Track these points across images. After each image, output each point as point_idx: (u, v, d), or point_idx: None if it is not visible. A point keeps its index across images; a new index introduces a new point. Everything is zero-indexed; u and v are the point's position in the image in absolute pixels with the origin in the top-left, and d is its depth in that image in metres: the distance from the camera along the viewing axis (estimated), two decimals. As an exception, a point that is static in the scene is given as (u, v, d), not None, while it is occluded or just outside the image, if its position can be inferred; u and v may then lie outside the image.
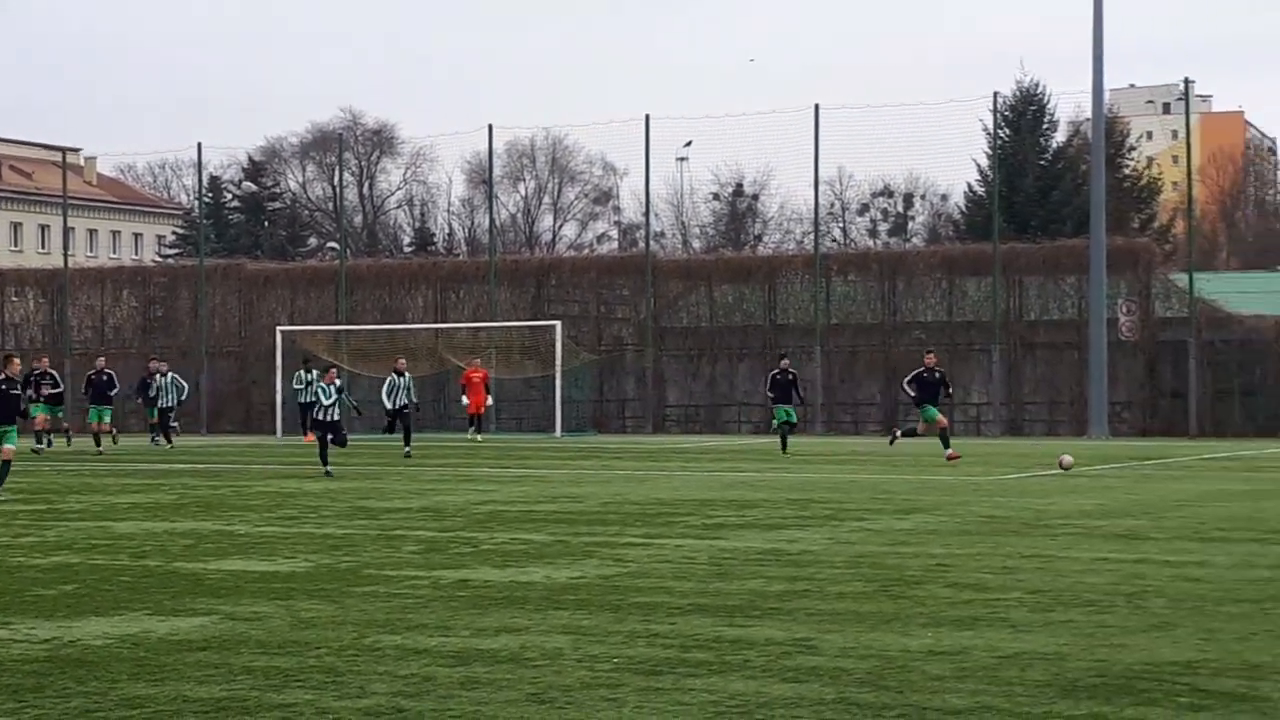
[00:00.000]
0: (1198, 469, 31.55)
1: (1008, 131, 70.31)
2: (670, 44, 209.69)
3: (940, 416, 33.74)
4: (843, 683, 9.23)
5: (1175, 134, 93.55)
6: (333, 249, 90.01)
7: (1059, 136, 74.70)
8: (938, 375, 33.87)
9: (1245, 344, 49.93)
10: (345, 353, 56.31)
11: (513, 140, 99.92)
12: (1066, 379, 52.01)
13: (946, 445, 33.11)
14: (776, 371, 39.15)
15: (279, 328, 57.05)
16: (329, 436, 29.95)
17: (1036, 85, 72.64)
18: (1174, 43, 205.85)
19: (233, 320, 61.85)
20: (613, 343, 57.86)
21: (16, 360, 24.70)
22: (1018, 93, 71.96)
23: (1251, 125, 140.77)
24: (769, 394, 39.54)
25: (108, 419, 41.48)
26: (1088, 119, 57.48)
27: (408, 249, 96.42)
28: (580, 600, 12.54)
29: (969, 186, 73.56)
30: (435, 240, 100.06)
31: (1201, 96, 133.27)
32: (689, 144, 78.01)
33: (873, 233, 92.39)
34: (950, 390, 35.06)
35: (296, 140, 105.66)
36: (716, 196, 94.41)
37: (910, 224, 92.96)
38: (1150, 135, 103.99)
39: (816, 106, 53.71)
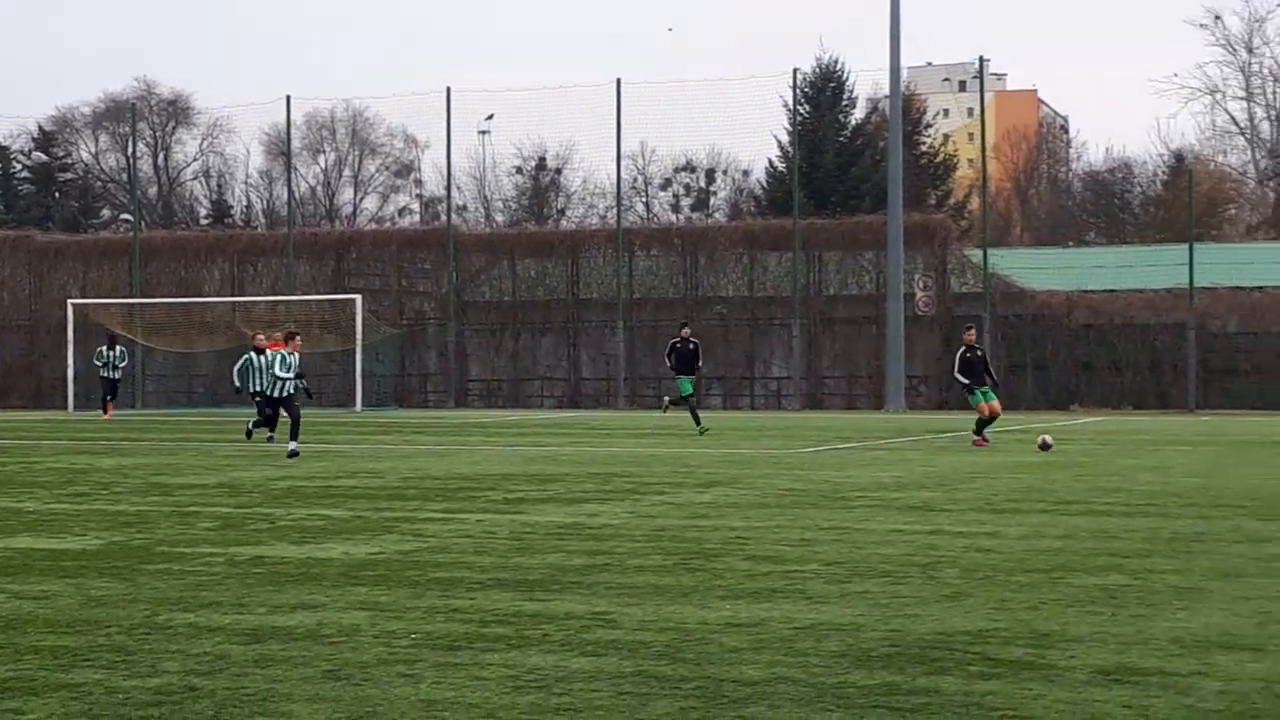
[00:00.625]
0: (991, 441, 32.13)
1: (808, 108, 70.99)
2: (470, 15, 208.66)
3: (985, 403, 30.32)
4: (641, 656, 9.24)
5: (971, 112, 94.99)
6: (126, 221, 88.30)
7: (858, 114, 75.66)
8: (980, 353, 30.91)
9: (1038, 319, 50.98)
10: (139, 326, 55.38)
11: (312, 112, 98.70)
12: (865, 353, 52.70)
13: (979, 430, 30.09)
14: (677, 340, 35.80)
15: (70, 301, 55.96)
16: (275, 410, 28.97)
17: (836, 62, 73.49)
18: (969, 22, 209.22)
19: (22, 293, 60.47)
20: (414, 316, 57.51)
21: None
22: (817, 70, 72.70)
23: (1045, 103, 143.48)
24: (669, 363, 36.12)
25: None
26: (886, 96, 58.23)
27: (204, 221, 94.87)
28: (379, 576, 12.43)
29: (770, 162, 74.23)
30: (232, 212, 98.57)
31: (996, 75, 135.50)
32: (491, 117, 77.70)
33: (675, 208, 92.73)
34: (991, 371, 31.47)
35: (89, 110, 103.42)
36: (519, 170, 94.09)
37: (712, 199, 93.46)
38: (946, 113, 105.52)
39: (618, 81, 53.85)
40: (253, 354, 31.73)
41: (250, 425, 30.18)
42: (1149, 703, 8.15)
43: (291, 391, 27.94)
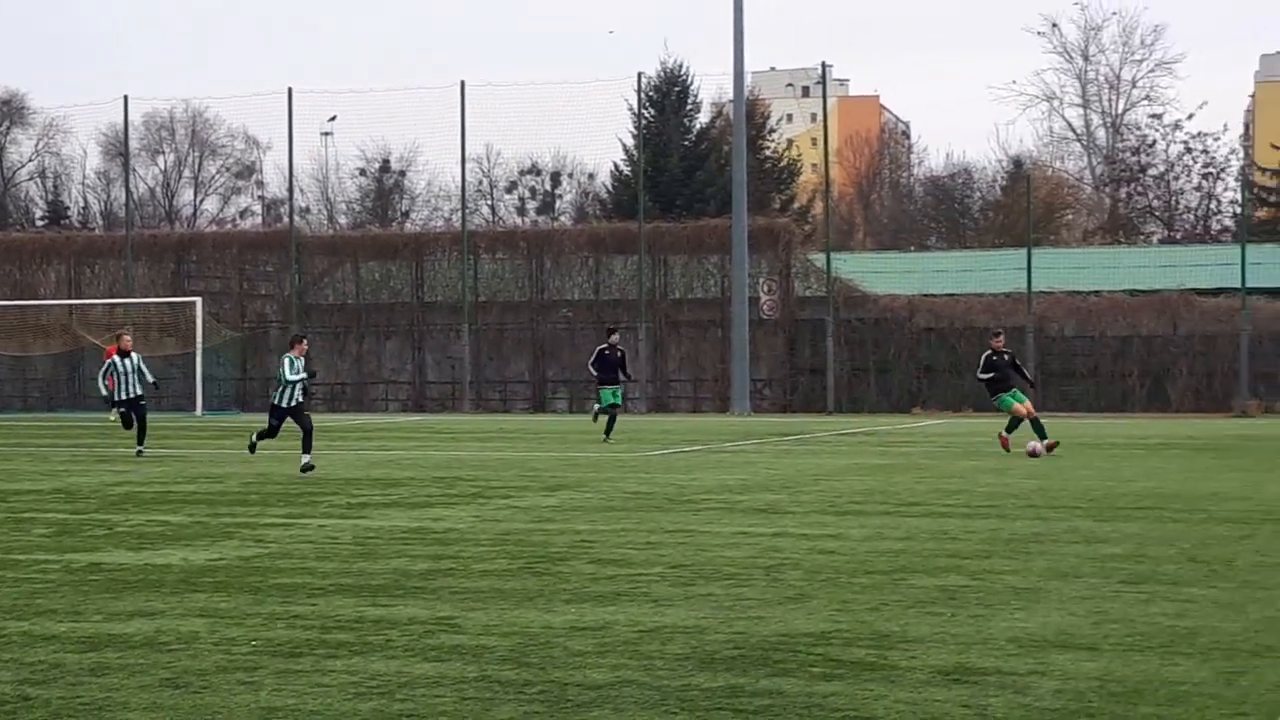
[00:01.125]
0: (835, 444, 32.44)
1: (652, 112, 71.15)
2: (313, 16, 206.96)
3: (1018, 404, 29.09)
4: (485, 660, 9.20)
5: (814, 117, 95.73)
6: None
7: (703, 118, 75.96)
8: (1006, 357, 29.48)
9: (880, 322, 51.52)
10: (-27, 330, 54.32)
11: (151, 112, 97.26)
12: (710, 356, 52.94)
13: (1042, 435, 28.30)
14: (605, 347, 33.81)
15: (-98, 304, 54.73)
16: (281, 422, 24.80)
17: (680, 66, 73.72)
18: (813, 28, 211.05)
19: None
20: (256, 319, 56.92)
21: None
22: (662, 74, 72.89)
23: (887, 109, 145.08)
24: (593, 371, 33.99)
25: None
26: (730, 101, 58.54)
27: (40, 222, 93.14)
28: (219, 582, 12.27)
29: (615, 166, 74.34)
30: (69, 214, 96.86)
31: (839, 80, 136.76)
32: (334, 118, 77.12)
33: (521, 211, 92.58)
34: (1028, 375, 30.48)
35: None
36: (363, 172, 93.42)
37: (558, 202, 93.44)
38: (790, 118, 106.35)
39: (463, 83, 53.66)
40: (117, 358, 30.42)
41: (253, 438, 26.54)
42: (987, 702, 8.25)
43: (301, 400, 24.89)
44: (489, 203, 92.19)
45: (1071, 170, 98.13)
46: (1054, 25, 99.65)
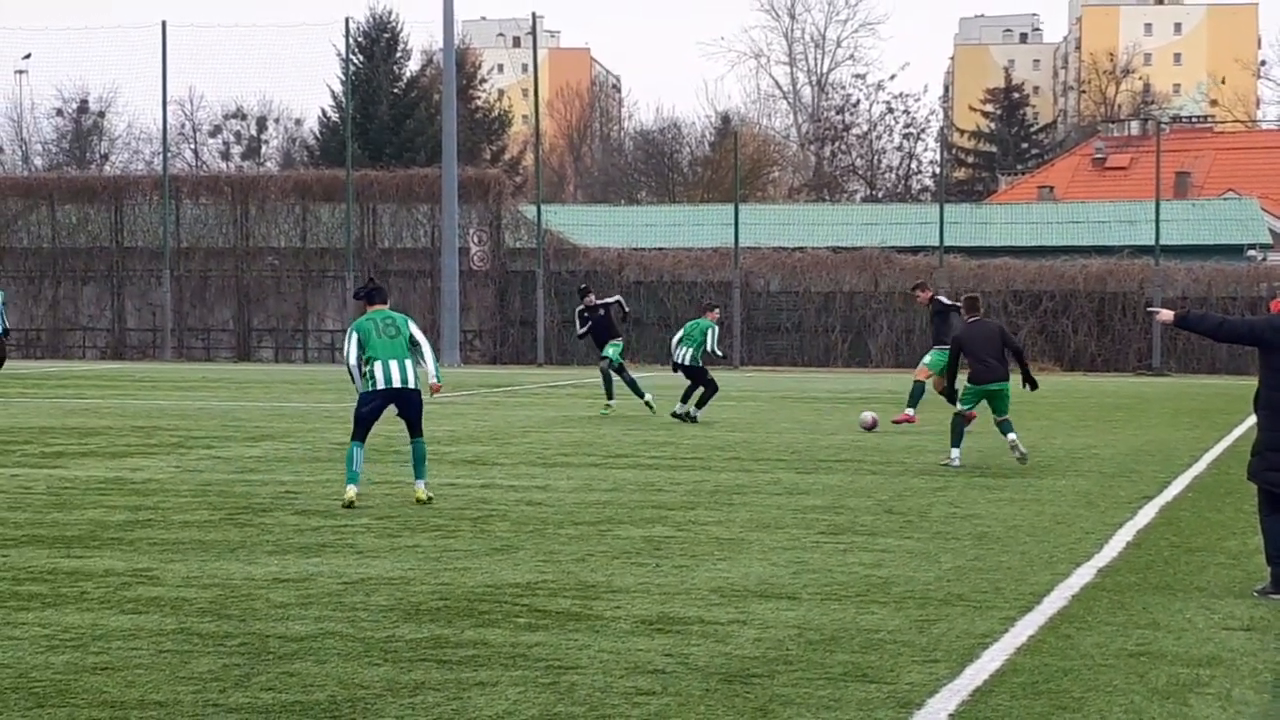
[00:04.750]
0: (544, 396, 32.54)
1: (361, 58, 70.34)
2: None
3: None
4: (184, 613, 9.04)
5: (525, 68, 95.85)
6: None
7: (413, 66, 75.38)
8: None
9: (590, 275, 51.69)
10: None
11: None
12: (420, 307, 52.60)
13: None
14: (584, 308, 27.58)
15: None
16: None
17: (390, 13, 72.98)
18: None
19: None
20: (-53, 263, 54.93)
21: None
22: (371, 20, 72.10)
23: (597, 62, 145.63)
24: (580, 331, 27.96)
25: None
26: (440, 49, 58.13)
27: None
28: (-97, 534, 11.83)
29: (323, 112, 73.44)
30: None
31: (550, 32, 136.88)
32: (28, 56, 74.69)
33: (225, 155, 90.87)
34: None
35: None
36: (60, 112, 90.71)
37: (264, 148, 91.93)
38: (501, 68, 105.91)
39: (164, 23, 52.31)
40: None
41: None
42: (690, 651, 8.35)
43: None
44: (192, 146, 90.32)
45: (778, 128, 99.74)
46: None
